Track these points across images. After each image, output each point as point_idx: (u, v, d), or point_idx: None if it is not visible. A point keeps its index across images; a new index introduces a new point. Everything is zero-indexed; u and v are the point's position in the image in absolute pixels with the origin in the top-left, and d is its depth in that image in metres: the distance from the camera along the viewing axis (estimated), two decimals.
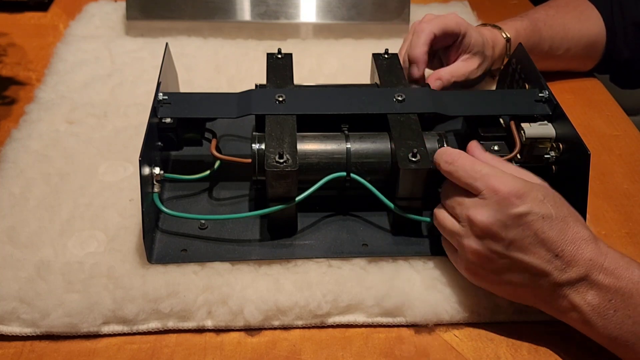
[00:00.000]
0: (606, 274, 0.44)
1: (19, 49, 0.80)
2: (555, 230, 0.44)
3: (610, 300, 0.43)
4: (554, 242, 0.44)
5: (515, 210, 0.44)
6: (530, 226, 0.44)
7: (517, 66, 0.64)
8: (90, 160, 0.61)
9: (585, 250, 0.44)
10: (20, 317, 0.47)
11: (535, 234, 0.44)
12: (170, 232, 0.54)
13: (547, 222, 0.44)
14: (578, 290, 0.44)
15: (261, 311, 0.48)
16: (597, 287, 0.44)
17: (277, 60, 0.64)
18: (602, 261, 0.44)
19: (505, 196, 0.45)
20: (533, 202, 0.44)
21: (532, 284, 0.45)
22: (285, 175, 0.50)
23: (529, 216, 0.44)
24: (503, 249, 0.45)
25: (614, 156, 0.66)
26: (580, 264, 0.44)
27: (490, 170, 0.47)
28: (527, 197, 0.45)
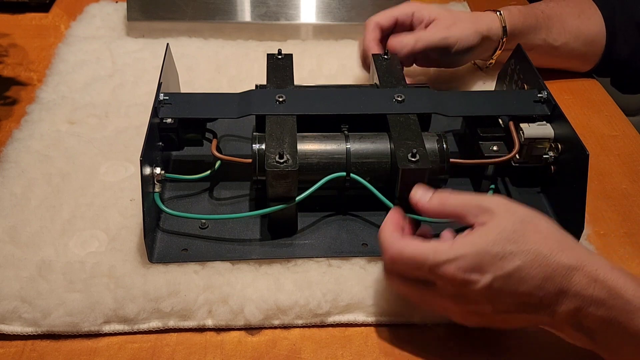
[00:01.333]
0: (598, 306, 0.40)
1: (21, 49, 0.80)
2: (527, 279, 0.41)
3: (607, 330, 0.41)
4: (532, 293, 0.41)
5: (479, 285, 0.41)
6: (501, 290, 0.41)
7: (516, 67, 0.64)
8: (91, 160, 0.61)
9: (569, 284, 0.41)
10: (22, 316, 0.47)
11: (511, 295, 0.42)
12: (171, 231, 0.54)
13: (515, 277, 0.41)
14: (573, 323, 0.42)
15: (261, 310, 0.48)
16: (592, 319, 0.41)
17: (277, 60, 0.64)
18: (592, 292, 0.41)
19: (463, 279, 0.41)
20: (492, 266, 0.41)
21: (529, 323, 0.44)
22: (285, 175, 0.50)
23: (494, 283, 0.41)
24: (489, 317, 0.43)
25: (613, 156, 0.67)
26: (566, 300, 0.41)
27: (434, 256, 0.42)
28: (483, 265, 0.41)
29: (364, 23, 0.70)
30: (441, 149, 0.55)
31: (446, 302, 0.44)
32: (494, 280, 0.41)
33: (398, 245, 0.44)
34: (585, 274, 0.41)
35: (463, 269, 0.41)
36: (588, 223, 0.55)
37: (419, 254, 0.43)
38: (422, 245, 0.43)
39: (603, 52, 0.74)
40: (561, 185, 0.56)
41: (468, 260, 0.41)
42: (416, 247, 0.43)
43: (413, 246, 0.44)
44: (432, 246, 0.43)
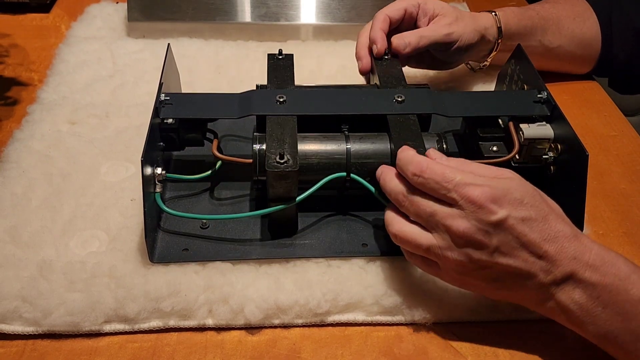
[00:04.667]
0: (592, 271, 0.43)
1: (21, 50, 0.80)
2: (536, 231, 0.44)
3: (598, 298, 0.43)
4: (537, 243, 0.43)
5: (494, 217, 0.43)
6: (511, 231, 0.43)
7: (516, 67, 0.64)
8: (92, 161, 0.62)
9: (568, 248, 0.44)
10: (23, 316, 0.47)
11: (518, 238, 0.43)
12: (171, 231, 0.54)
13: (527, 224, 0.44)
14: (564, 289, 0.44)
15: (262, 310, 0.48)
16: (584, 285, 0.43)
17: (277, 60, 0.64)
18: (587, 258, 0.43)
19: (483, 204, 0.43)
20: (511, 205, 0.44)
21: (520, 286, 0.45)
22: (285, 175, 0.50)
23: (508, 221, 0.43)
24: (487, 257, 0.44)
25: (612, 156, 0.67)
26: (564, 262, 0.43)
27: (463, 178, 0.45)
28: (504, 202, 0.43)
29: (368, 21, 0.68)
30: (441, 149, 0.55)
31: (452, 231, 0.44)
32: (508, 216, 0.43)
33: (428, 161, 0.47)
34: (582, 242, 0.44)
35: (486, 196, 0.43)
36: (587, 223, 0.55)
37: (450, 172, 0.45)
38: (449, 167, 0.46)
39: (599, 55, 0.74)
40: (561, 186, 0.56)
41: (493, 191, 0.44)
42: (443, 166, 0.46)
43: (439, 165, 0.46)
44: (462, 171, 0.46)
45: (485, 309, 0.50)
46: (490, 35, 0.69)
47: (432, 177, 0.45)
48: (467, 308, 0.50)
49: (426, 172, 0.46)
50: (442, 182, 0.45)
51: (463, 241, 0.44)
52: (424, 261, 0.48)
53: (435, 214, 0.45)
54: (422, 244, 0.46)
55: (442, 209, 0.45)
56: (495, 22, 0.69)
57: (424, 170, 0.46)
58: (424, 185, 0.46)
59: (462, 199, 0.44)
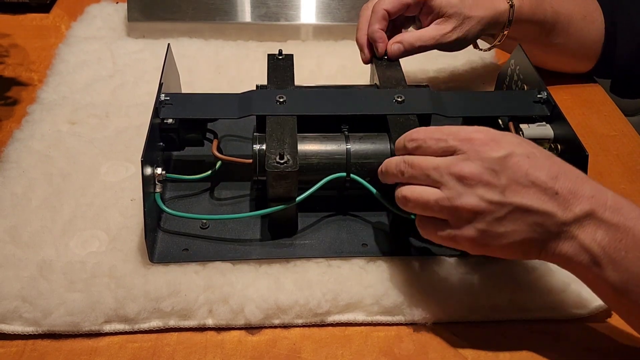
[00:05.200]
0: (612, 212, 0.41)
1: (21, 50, 0.80)
2: (545, 168, 0.42)
3: (621, 241, 0.40)
4: (548, 180, 0.42)
5: (497, 153, 0.43)
6: (518, 167, 0.42)
7: (516, 67, 0.64)
8: (92, 161, 0.62)
9: (584, 187, 0.42)
10: (22, 316, 0.47)
11: (527, 174, 0.42)
12: (171, 231, 0.54)
13: (533, 160, 0.43)
14: (586, 229, 0.41)
15: (262, 310, 0.48)
16: (606, 226, 0.41)
17: (277, 61, 0.64)
18: (605, 199, 0.41)
19: (483, 142, 0.43)
20: (511, 144, 0.43)
21: (539, 229, 0.42)
22: (285, 175, 0.50)
23: (513, 157, 0.42)
24: (500, 197, 0.42)
25: (612, 156, 0.67)
26: (582, 200, 0.41)
27: (456, 128, 0.45)
28: (503, 142, 0.43)
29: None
30: None
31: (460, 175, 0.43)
32: (512, 152, 0.43)
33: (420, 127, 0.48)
34: (597, 185, 0.42)
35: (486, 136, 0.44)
36: None
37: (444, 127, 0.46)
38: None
39: (601, 55, 0.74)
40: None
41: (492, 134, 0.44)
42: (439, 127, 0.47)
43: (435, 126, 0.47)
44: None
45: (485, 309, 0.50)
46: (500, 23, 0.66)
47: (427, 136, 0.46)
48: (467, 308, 0.50)
49: (420, 134, 0.46)
50: (438, 135, 0.45)
51: (473, 182, 0.43)
52: (436, 225, 0.45)
53: (438, 166, 0.44)
54: (431, 198, 0.44)
55: (445, 159, 0.44)
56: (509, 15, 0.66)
57: (419, 134, 0.47)
58: (421, 147, 0.46)
59: (460, 142, 0.44)
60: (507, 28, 0.67)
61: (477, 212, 0.43)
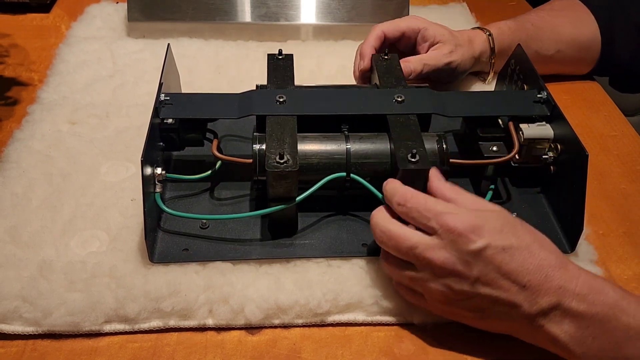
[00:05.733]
0: (579, 300, 0.42)
1: (22, 50, 0.80)
2: (518, 260, 0.43)
3: (588, 327, 0.42)
4: (519, 273, 0.43)
5: (474, 246, 0.43)
6: (492, 260, 0.43)
7: (516, 67, 0.64)
8: (92, 161, 0.62)
9: (553, 277, 0.43)
10: (23, 316, 0.47)
11: (499, 268, 0.43)
12: (171, 231, 0.54)
13: (508, 253, 0.43)
14: (553, 319, 0.43)
15: (262, 310, 0.48)
16: (572, 315, 0.42)
17: (277, 61, 0.64)
18: (574, 287, 0.43)
19: (461, 233, 0.43)
20: (491, 234, 0.43)
21: (507, 317, 0.44)
22: (285, 175, 0.50)
23: (488, 250, 0.43)
24: (469, 287, 0.44)
25: (612, 156, 0.67)
26: (549, 292, 0.43)
27: (444, 208, 0.45)
28: (483, 231, 0.43)
29: (367, 26, 0.71)
30: (441, 149, 0.55)
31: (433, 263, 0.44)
32: (488, 245, 0.43)
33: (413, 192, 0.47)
34: (568, 271, 0.43)
35: (464, 224, 0.43)
36: (587, 223, 0.55)
37: (432, 202, 0.46)
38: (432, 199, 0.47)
39: (600, 55, 0.74)
40: (561, 186, 0.56)
41: (472, 220, 0.44)
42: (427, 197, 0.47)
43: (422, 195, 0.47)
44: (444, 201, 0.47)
45: None
46: (484, 57, 0.71)
47: (414, 206, 0.46)
48: None
49: (410, 201, 0.46)
50: (423, 211, 0.45)
51: (443, 272, 0.44)
52: (410, 292, 0.48)
53: (415, 246, 0.45)
54: (406, 274, 0.47)
55: (423, 239, 0.45)
56: (489, 44, 0.71)
57: (408, 200, 0.47)
58: (407, 214, 0.46)
59: (440, 228, 0.44)
60: (494, 57, 0.71)
61: (447, 296, 0.45)
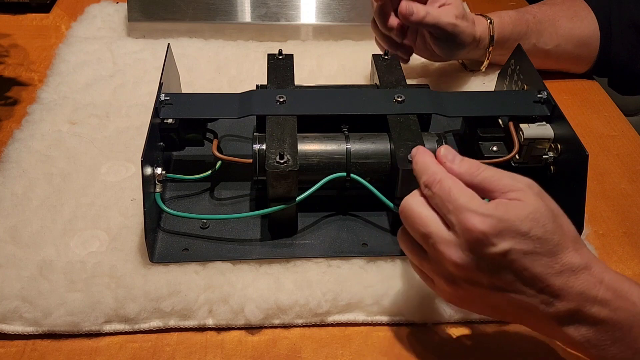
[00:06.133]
0: (601, 306, 0.40)
1: (22, 50, 0.80)
2: (539, 266, 0.40)
3: (607, 332, 0.40)
4: (539, 278, 0.40)
5: (493, 249, 0.39)
6: (510, 265, 0.40)
7: (516, 67, 0.64)
8: (92, 161, 0.62)
9: (575, 282, 0.40)
10: (23, 316, 0.47)
11: (518, 273, 0.40)
12: (171, 231, 0.54)
13: (529, 258, 0.40)
14: (570, 323, 0.41)
15: (262, 310, 0.48)
16: (592, 321, 0.40)
17: (277, 61, 0.64)
18: (596, 292, 0.40)
19: (479, 236, 0.39)
20: (514, 238, 0.39)
21: (522, 316, 0.42)
22: (285, 175, 0.50)
23: (508, 255, 0.39)
24: (482, 289, 0.41)
25: (612, 156, 0.67)
26: (569, 297, 0.40)
27: (467, 201, 0.40)
28: (506, 234, 0.39)
29: (367, 26, 0.70)
30: None
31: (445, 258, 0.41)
32: (509, 250, 0.39)
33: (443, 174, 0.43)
34: (592, 274, 0.40)
35: (488, 226, 0.39)
36: (587, 223, 0.55)
37: (456, 191, 0.41)
38: (461, 186, 0.42)
39: (598, 53, 0.74)
40: (561, 186, 0.56)
41: (495, 222, 0.39)
42: (455, 183, 0.42)
43: (452, 181, 0.42)
44: (471, 193, 0.41)
45: None
46: (483, 44, 0.70)
47: (438, 193, 0.42)
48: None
49: (435, 186, 0.42)
50: (445, 200, 0.41)
51: (456, 271, 0.41)
52: (420, 271, 0.46)
53: (429, 235, 0.42)
54: (417, 257, 0.44)
55: (440, 231, 0.41)
56: (489, 31, 0.70)
57: (433, 184, 0.42)
58: (431, 199, 0.43)
59: (459, 224, 0.40)
60: (492, 44, 0.70)
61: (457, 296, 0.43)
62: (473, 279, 0.41)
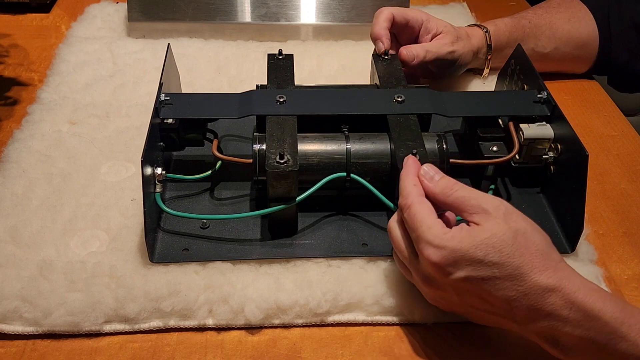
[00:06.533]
0: (574, 326, 0.40)
1: (22, 50, 0.80)
2: (501, 289, 0.41)
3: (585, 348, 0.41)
4: (503, 300, 0.41)
5: (450, 277, 0.42)
6: (473, 290, 0.42)
7: (516, 67, 0.65)
8: (92, 161, 0.62)
9: (543, 304, 0.40)
10: (23, 316, 0.47)
11: (481, 297, 0.42)
12: (171, 231, 0.54)
13: (489, 283, 0.41)
14: (544, 337, 0.42)
15: (262, 310, 0.48)
16: (566, 337, 0.41)
17: (278, 61, 0.64)
18: (566, 313, 0.40)
19: (435, 267, 0.42)
20: (469, 266, 0.41)
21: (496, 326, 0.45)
22: (285, 175, 0.50)
23: (468, 282, 0.42)
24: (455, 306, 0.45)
25: (612, 156, 0.67)
26: (540, 318, 0.41)
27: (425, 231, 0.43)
28: (461, 263, 0.41)
29: (367, 26, 0.70)
30: (441, 149, 0.55)
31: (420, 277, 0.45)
32: (466, 278, 0.41)
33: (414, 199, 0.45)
34: (562, 295, 0.40)
35: (440, 257, 0.42)
36: (587, 223, 0.55)
37: (419, 219, 0.44)
38: (424, 214, 0.44)
39: (598, 54, 0.74)
40: (561, 186, 0.56)
41: (447, 253, 0.42)
42: (420, 211, 0.44)
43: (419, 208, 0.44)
44: (430, 222, 0.43)
45: None
46: (482, 53, 0.72)
47: (407, 218, 0.45)
48: None
49: (406, 210, 0.45)
50: (411, 227, 0.44)
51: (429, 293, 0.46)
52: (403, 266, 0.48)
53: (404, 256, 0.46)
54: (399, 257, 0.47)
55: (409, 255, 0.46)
56: (486, 40, 0.71)
57: (405, 208, 0.45)
58: (404, 221, 0.46)
59: (420, 254, 0.44)
60: (490, 53, 0.71)
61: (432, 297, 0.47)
62: (445, 297, 0.45)
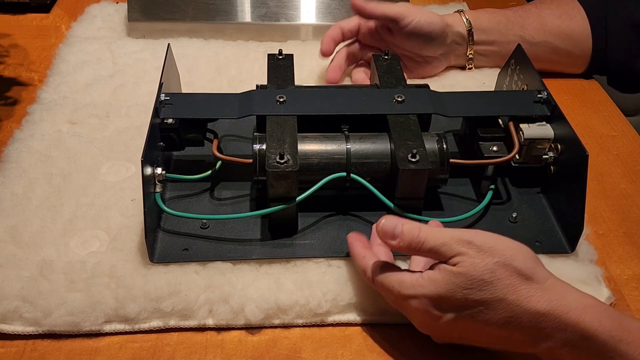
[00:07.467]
0: (571, 347, 0.40)
1: (22, 50, 0.80)
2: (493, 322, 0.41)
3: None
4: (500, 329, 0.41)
5: (442, 320, 0.43)
6: (466, 326, 0.42)
7: (516, 67, 0.65)
8: (92, 161, 0.62)
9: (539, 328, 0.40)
10: (23, 316, 0.47)
11: (477, 330, 0.43)
12: (171, 231, 0.54)
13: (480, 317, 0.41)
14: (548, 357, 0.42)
15: (262, 310, 0.48)
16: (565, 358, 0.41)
17: (278, 60, 0.64)
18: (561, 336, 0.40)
19: (426, 313, 0.43)
20: (455, 307, 0.42)
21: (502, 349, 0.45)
22: (285, 175, 0.50)
23: (459, 321, 0.42)
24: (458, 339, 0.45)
25: (612, 156, 0.67)
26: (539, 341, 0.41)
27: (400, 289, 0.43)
28: (445, 306, 0.42)
29: None
30: (441, 149, 0.55)
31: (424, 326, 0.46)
32: (456, 317, 0.42)
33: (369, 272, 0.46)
34: (554, 318, 0.40)
35: (424, 305, 0.43)
36: (587, 223, 0.55)
37: (387, 284, 0.45)
38: (388, 276, 0.45)
39: (593, 52, 0.74)
40: (561, 186, 0.56)
41: (428, 300, 0.43)
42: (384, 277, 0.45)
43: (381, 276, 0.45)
44: (397, 278, 0.44)
45: None
46: (459, 28, 0.71)
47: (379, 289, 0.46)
48: None
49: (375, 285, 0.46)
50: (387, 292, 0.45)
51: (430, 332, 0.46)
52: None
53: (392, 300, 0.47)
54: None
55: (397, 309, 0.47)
56: (462, 18, 0.71)
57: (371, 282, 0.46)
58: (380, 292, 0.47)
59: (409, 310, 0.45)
60: (472, 30, 0.71)
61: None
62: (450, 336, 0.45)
